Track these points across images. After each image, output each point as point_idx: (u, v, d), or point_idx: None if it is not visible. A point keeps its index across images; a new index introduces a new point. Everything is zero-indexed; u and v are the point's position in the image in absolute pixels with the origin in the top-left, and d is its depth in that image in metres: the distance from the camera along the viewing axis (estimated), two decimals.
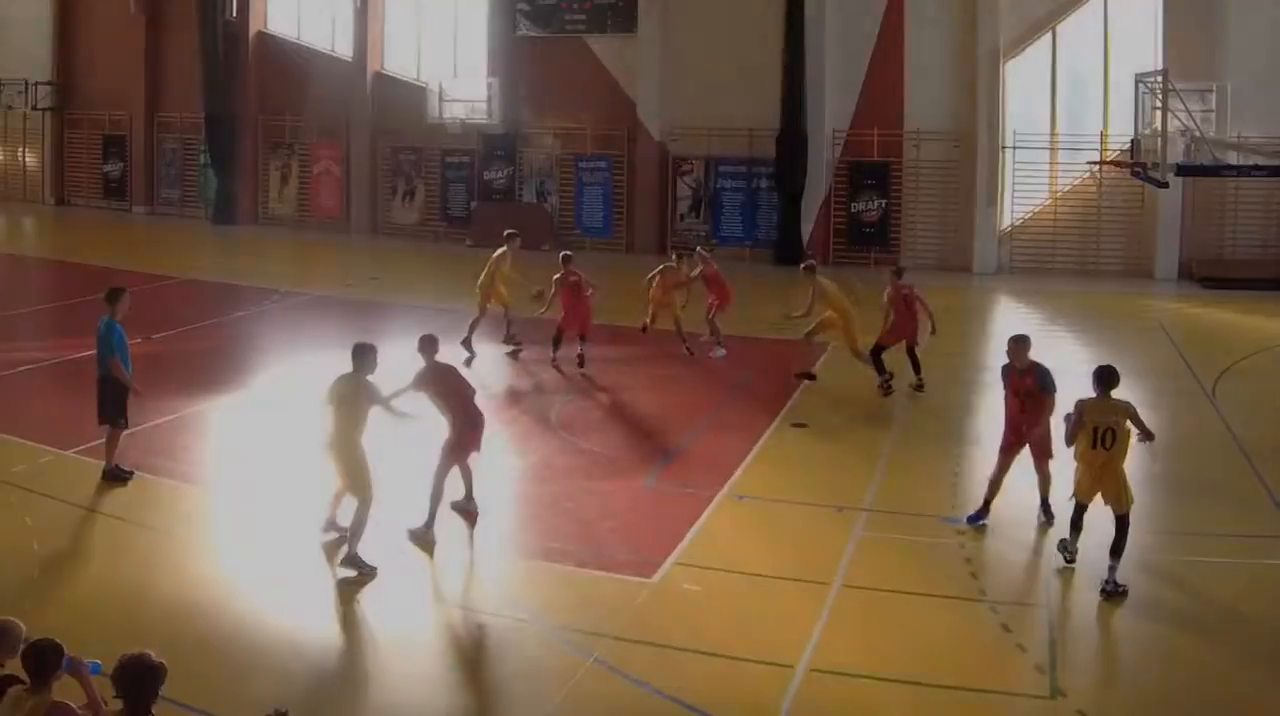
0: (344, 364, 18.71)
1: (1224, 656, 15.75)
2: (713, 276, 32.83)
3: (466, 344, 31.94)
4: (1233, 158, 32.13)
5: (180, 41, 63.35)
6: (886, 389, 29.01)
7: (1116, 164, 40.76)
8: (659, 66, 53.43)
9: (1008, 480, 20.25)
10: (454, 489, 20.26)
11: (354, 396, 18.30)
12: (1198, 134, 29.83)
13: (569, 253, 32.97)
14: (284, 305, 40.95)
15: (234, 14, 61.47)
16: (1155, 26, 46.96)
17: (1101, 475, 17.66)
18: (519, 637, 16.19)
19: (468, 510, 20.58)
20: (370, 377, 18.52)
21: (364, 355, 18.58)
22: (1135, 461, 20.67)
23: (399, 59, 59.73)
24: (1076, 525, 18.24)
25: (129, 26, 64.66)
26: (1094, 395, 17.89)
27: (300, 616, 16.61)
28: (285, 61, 61.97)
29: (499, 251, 32.80)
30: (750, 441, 25.00)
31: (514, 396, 29.07)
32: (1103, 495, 17.74)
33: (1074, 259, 49.01)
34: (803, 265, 31.02)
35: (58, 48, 67.78)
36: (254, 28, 62.15)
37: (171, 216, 64.68)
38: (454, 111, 56.12)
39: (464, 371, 21.51)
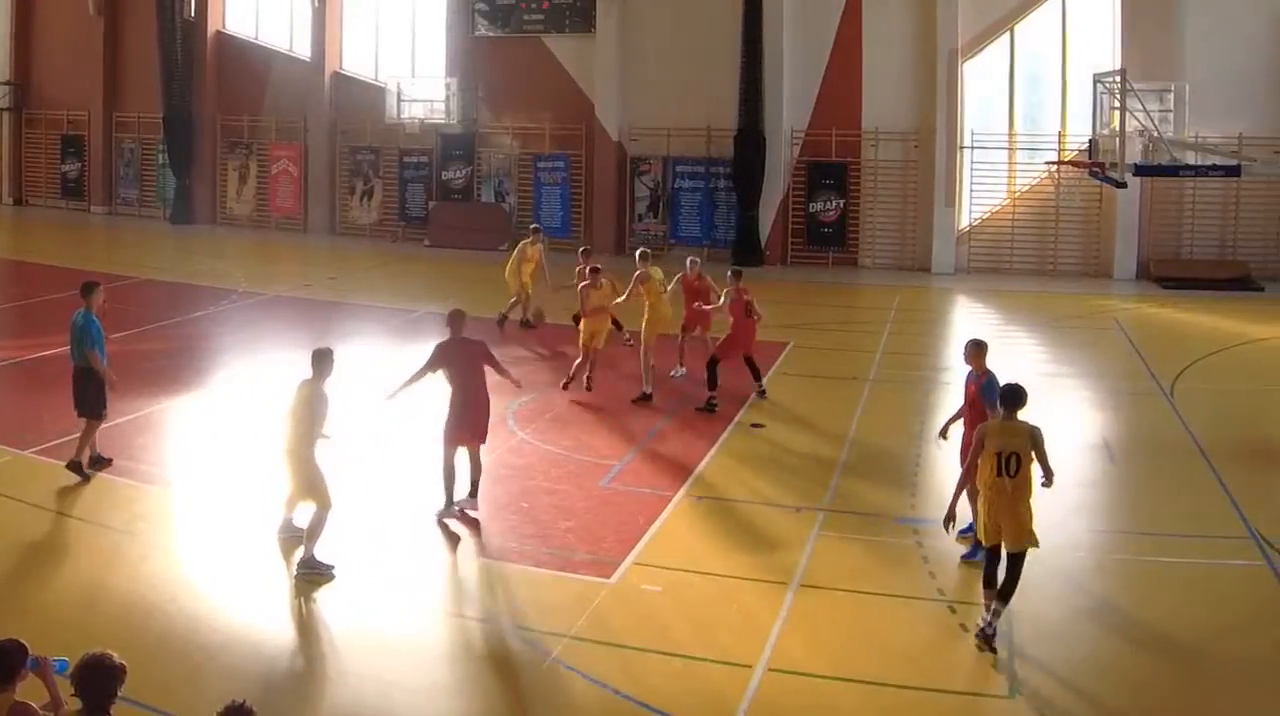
0: (301, 365, 18.41)
1: (1181, 657, 15.63)
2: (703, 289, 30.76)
3: (501, 321, 35.40)
4: (1190, 158, 31.78)
5: (139, 41, 62.61)
6: (710, 406, 27.51)
7: (1074, 164, 40.38)
8: (617, 66, 52.90)
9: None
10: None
11: (308, 404, 17.87)
12: (1155, 134, 29.53)
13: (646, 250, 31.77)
14: (242, 305, 40.34)
15: (192, 14, 60.80)
16: (1113, 27, 46.77)
17: (1005, 508, 15.53)
18: (477, 637, 16.03)
19: (465, 508, 20.36)
20: (325, 384, 18.07)
21: (321, 361, 18.15)
22: (1096, 460, 21.19)
23: (357, 59, 59.26)
24: (990, 580, 15.74)
25: (87, 27, 63.93)
26: (1001, 417, 16.09)
27: (258, 616, 16.39)
28: (243, 61, 61.50)
29: (522, 243, 36.30)
30: (708, 442, 24.75)
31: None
32: (1002, 530, 15.59)
33: (1032, 259, 48.69)
34: (639, 252, 31.07)
35: (16, 48, 66.97)
36: (212, 27, 61.59)
37: (130, 216, 64.17)
38: (412, 111, 55.58)
39: (489, 357, 20.82)
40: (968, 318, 41.81)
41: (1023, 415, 15.95)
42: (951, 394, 25.99)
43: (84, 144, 65.63)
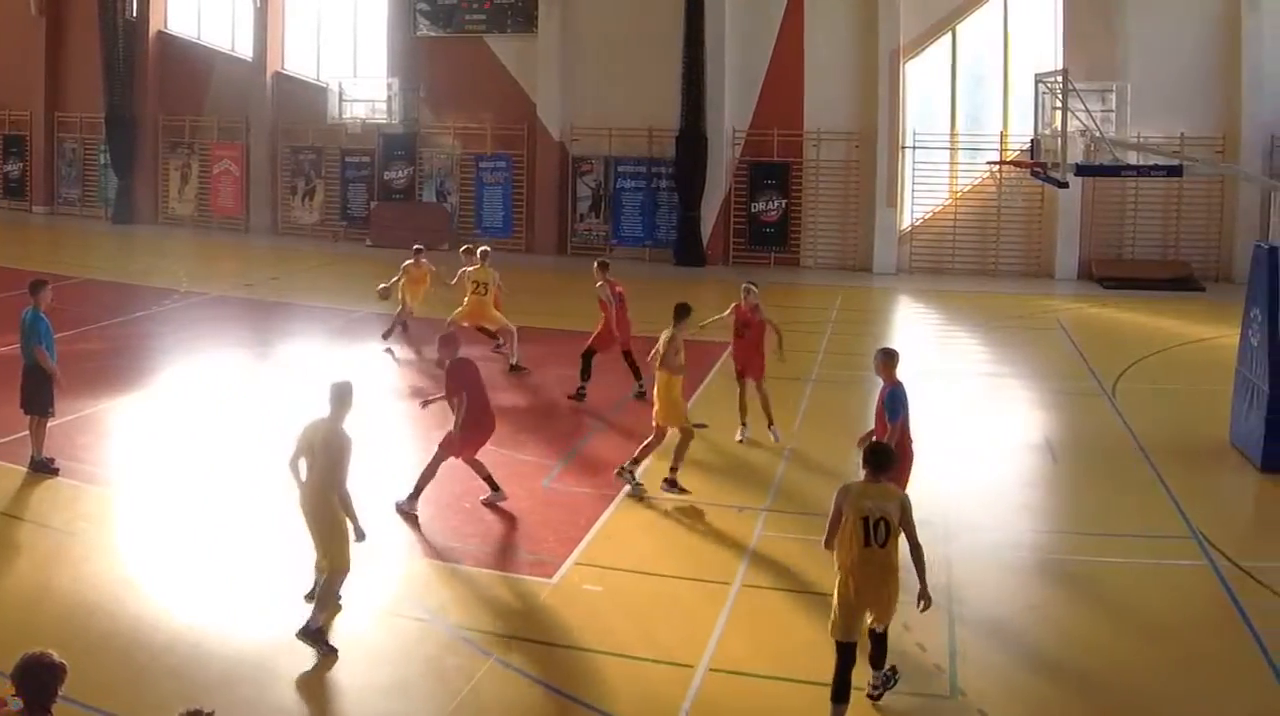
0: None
1: (1123, 656, 15.48)
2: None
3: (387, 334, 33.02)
4: (1132, 158, 31.21)
5: (80, 41, 61.34)
6: (579, 395, 27.74)
7: (1016, 164, 40.01)
8: (559, 66, 52.08)
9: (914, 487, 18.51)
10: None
11: (328, 448, 15.37)
12: (1097, 134, 28.88)
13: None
14: (184, 305, 39.60)
15: (134, 14, 59.59)
16: (1055, 27, 46.47)
17: (877, 582, 13.46)
18: (420, 637, 15.82)
19: (496, 502, 20.54)
20: (345, 425, 15.68)
21: (341, 398, 15.78)
22: (1038, 459, 21.02)
23: (299, 59, 58.27)
24: (842, 691, 13.48)
25: (29, 26, 62.39)
26: (863, 478, 13.86)
27: (202, 616, 16.08)
28: (185, 61, 60.30)
29: (405, 264, 33.98)
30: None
31: (415, 394, 27.36)
32: (871, 608, 13.61)
33: (973, 259, 48.22)
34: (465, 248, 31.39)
35: None
36: (154, 27, 60.35)
37: (71, 216, 62.85)
38: (354, 111, 54.63)
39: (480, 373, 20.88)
40: (909, 318, 41.52)
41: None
42: None
43: (25, 144, 64.15)
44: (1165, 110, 43.20)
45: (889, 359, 18.34)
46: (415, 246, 34.50)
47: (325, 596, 15.43)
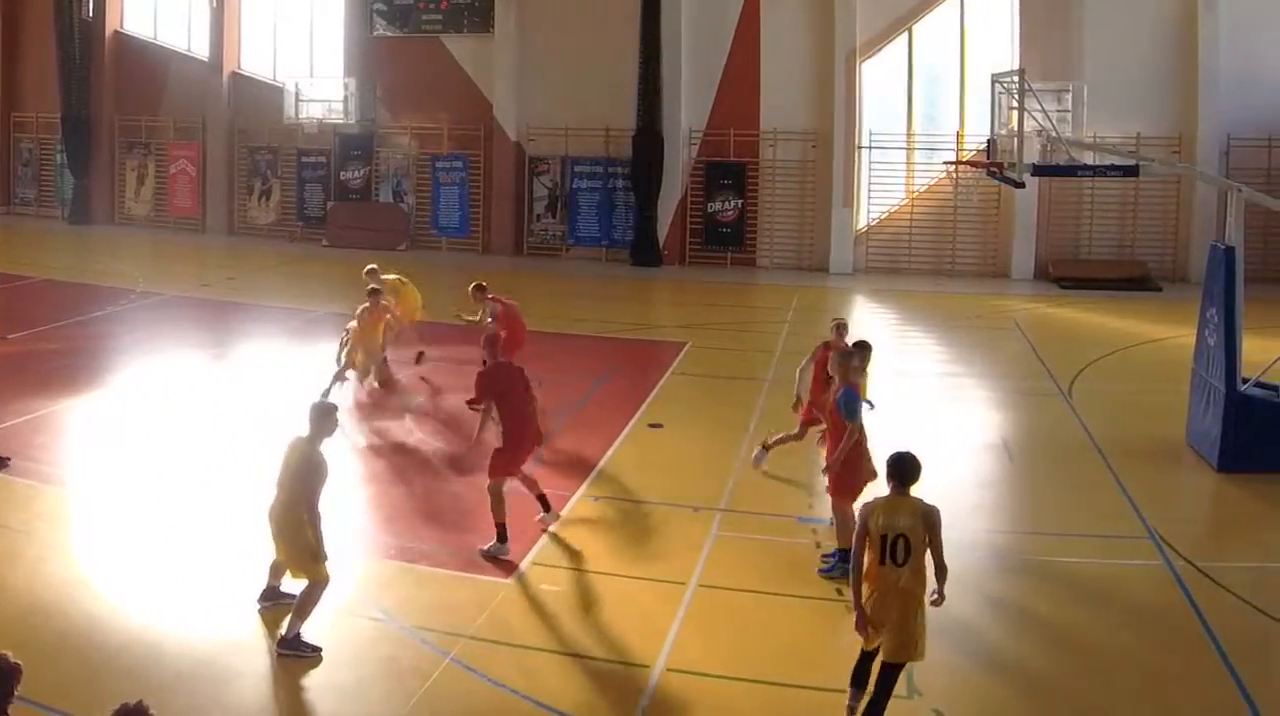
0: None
1: (1079, 657, 15.30)
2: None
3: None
4: (1089, 158, 30.58)
5: (36, 41, 60.67)
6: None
7: (972, 164, 39.36)
8: (516, 66, 51.68)
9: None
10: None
11: (305, 467, 15.07)
12: (1054, 134, 28.60)
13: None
14: (140, 305, 39.06)
15: (90, 14, 58.94)
16: (1011, 27, 46.22)
17: (890, 603, 12.74)
18: (376, 637, 15.62)
19: (546, 520, 19.56)
20: (323, 447, 15.29)
21: (323, 418, 15.46)
22: (994, 459, 20.95)
23: (255, 59, 57.66)
24: (859, 676, 13.32)
25: None
26: (888, 492, 13.22)
27: (157, 616, 15.84)
28: (142, 61, 59.63)
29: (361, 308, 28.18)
30: (607, 442, 24.31)
31: (370, 395, 27.62)
32: (885, 630, 12.79)
33: (930, 259, 47.86)
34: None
35: None
36: (110, 28, 59.64)
37: (28, 216, 62.17)
38: (310, 111, 54.07)
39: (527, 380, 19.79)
40: (866, 317, 40.51)
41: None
42: None
43: None
44: (1121, 110, 42.98)
45: (845, 359, 18.11)
46: (370, 286, 28.61)
47: (305, 605, 15.12)
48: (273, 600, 16.13)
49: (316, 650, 14.90)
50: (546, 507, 19.49)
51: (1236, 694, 14.17)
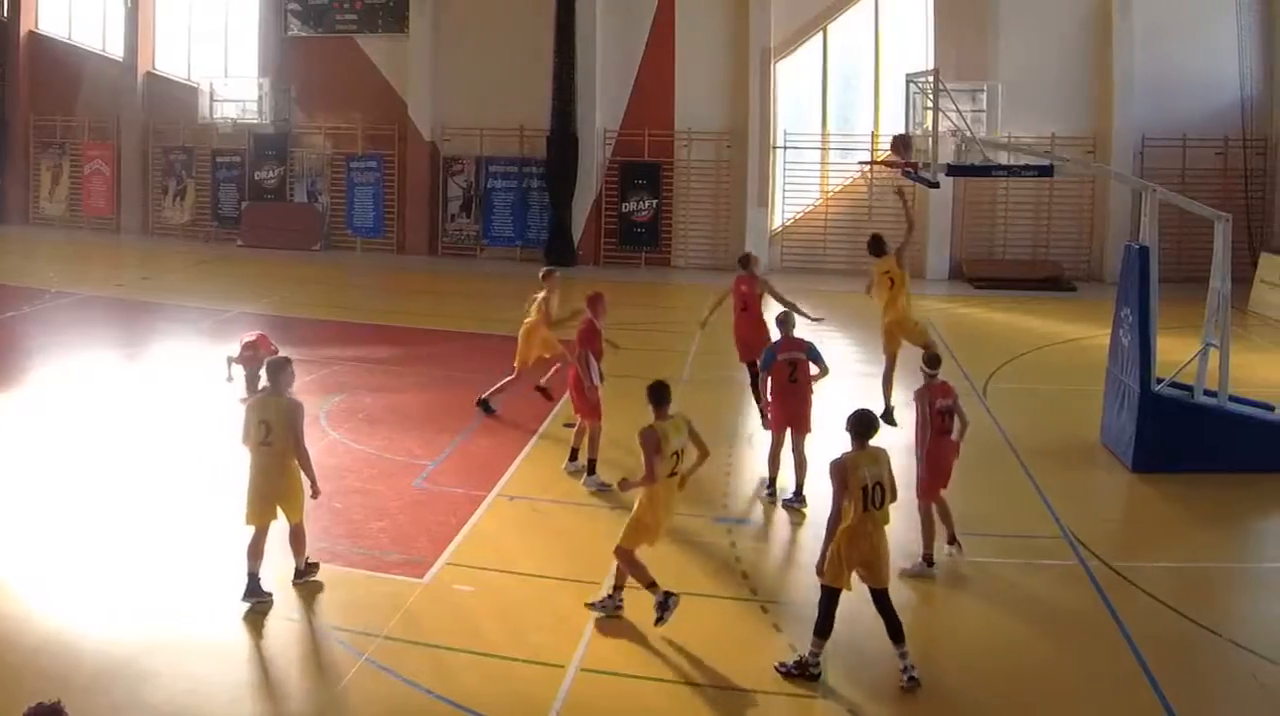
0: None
1: (994, 654, 15.38)
2: None
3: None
4: (1003, 158, 29.80)
5: None
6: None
7: (887, 164, 38.66)
8: (430, 66, 50.68)
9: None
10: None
11: (291, 416, 16.39)
12: (968, 134, 27.64)
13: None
14: (54, 306, 38.22)
15: (4, 14, 57.82)
16: (926, 27, 45.56)
17: (875, 541, 14.25)
18: (291, 638, 15.52)
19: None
20: (291, 394, 16.77)
21: (282, 372, 16.68)
22: (908, 459, 19.30)
23: (170, 59, 56.34)
24: (827, 628, 14.43)
25: None
26: (851, 449, 14.56)
27: (73, 617, 15.68)
28: (56, 61, 58.28)
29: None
30: (521, 442, 24.19)
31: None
32: (865, 567, 14.33)
33: (845, 258, 46.50)
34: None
35: None
36: (24, 27, 58.32)
37: None
38: (225, 111, 53.02)
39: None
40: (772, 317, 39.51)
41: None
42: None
43: None
44: (1036, 110, 42.72)
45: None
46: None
47: (304, 542, 16.76)
48: (256, 595, 16.22)
49: (268, 595, 16.20)
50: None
51: (1151, 693, 14.12)
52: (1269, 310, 38.07)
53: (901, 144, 22.56)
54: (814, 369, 21.04)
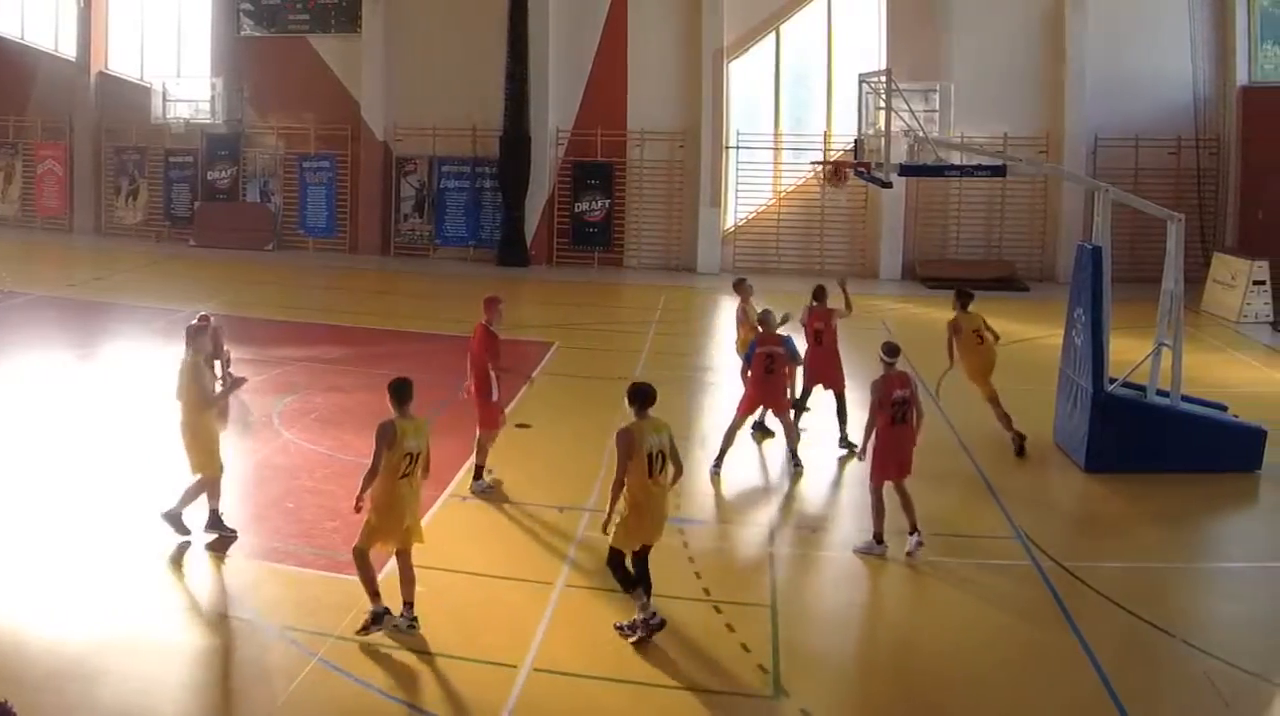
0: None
1: (947, 654, 15.32)
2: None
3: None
4: (956, 158, 29.38)
5: None
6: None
7: (840, 164, 37.84)
8: (383, 66, 50.24)
9: (728, 485, 21.36)
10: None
11: (186, 376, 17.93)
12: (921, 134, 27.64)
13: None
14: (6, 306, 37.59)
15: None
16: (878, 27, 45.39)
17: (658, 506, 15.28)
18: (243, 638, 15.34)
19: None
20: (203, 357, 18.49)
21: (196, 336, 18.69)
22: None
23: (123, 59, 55.61)
24: (643, 578, 15.39)
25: None
26: (635, 418, 15.39)
27: (20, 615, 15.53)
28: (8, 61, 57.21)
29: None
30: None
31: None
32: (652, 531, 15.33)
33: (798, 259, 46.67)
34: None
35: None
36: None
37: None
38: (178, 111, 52.32)
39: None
40: (732, 318, 38.61)
41: None
42: (715, 393, 27.91)
43: None
44: (989, 110, 42.39)
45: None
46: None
47: (192, 494, 17.94)
48: (217, 528, 18.04)
49: (188, 531, 17.81)
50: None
51: (1103, 692, 14.08)
52: (1221, 310, 38.00)
53: (834, 173, 22.34)
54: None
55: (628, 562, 15.26)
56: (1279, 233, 39.54)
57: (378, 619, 14.92)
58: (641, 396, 15.31)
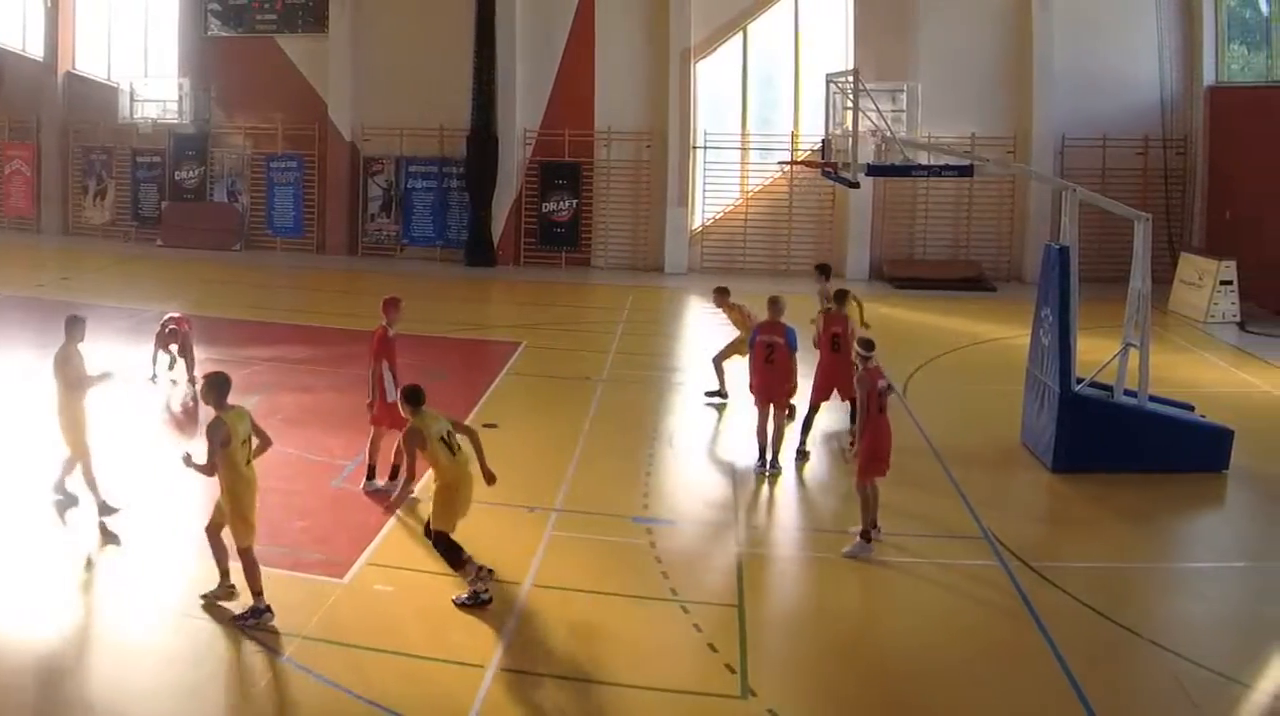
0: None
1: (915, 654, 15.31)
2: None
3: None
4: (923, 158, 29.25)
5: None
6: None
7: (807, 164, 39.30)
8: (350, 67, 49.75)
9: (696, 485, 21.66)
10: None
11: (57, 363, 19.14)
12: (888, 134, 27.70)
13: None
14: None
15: None
16: (846, 27, 45.10)
17: (466, 487, 16.49)
18: (210, 638, 15.18)
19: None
20: (78, 347, 19.35)
21: (73, 326, 19.62)
22: (829, 460, 21.31)
23: (90, 59, 54.99)
24: (460, 561, 16.23)
25: None
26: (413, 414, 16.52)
27: None
28: None
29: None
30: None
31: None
32: (466, 506, 16.59)
33: (765, 259, 46.44)
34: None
35: None
36: None
37: None
38: (145, 111, 51.59)
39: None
40: (700, 317, 39.42)
41: None
42: (683, 393, 28.06)
43: None
44: (957, 110, 42.54)
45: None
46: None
47: (90, 481, 18.77)
48: (64, 494, 19.24)
49: (117, 508, 18.74)
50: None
51: (1070, 691, 14.07)
52: (1188, 310, 37.89)
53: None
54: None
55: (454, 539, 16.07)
56: (1246, 233, 39.36)
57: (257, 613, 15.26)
58: (415, 398, 16.37)
